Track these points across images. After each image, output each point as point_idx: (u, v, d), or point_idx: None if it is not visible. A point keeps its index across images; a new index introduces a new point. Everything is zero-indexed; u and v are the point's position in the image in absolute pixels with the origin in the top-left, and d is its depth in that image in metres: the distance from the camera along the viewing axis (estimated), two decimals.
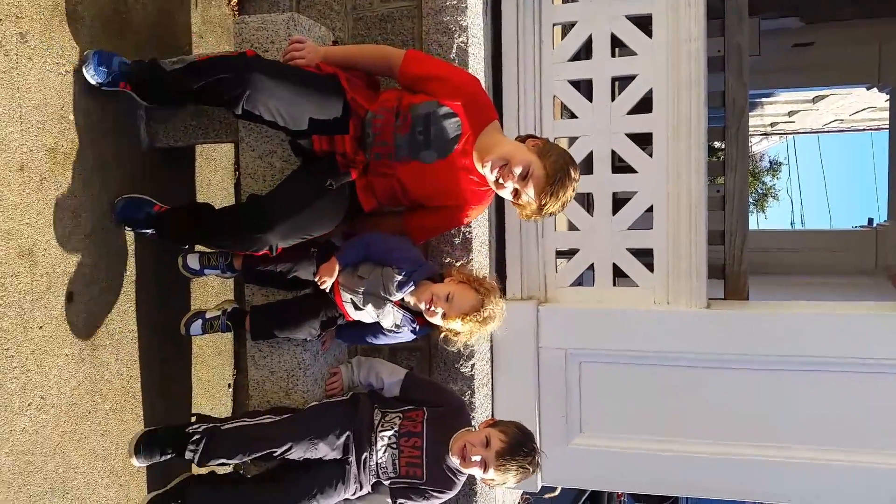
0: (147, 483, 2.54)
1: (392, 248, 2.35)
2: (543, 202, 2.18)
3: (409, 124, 2.24)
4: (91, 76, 2.31)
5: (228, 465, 2.31)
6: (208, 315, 2.62)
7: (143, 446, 2.40)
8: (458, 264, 2.70)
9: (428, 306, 2.24)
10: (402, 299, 2.31)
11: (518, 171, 2.16)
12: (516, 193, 2.21)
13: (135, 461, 2.41)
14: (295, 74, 2.21)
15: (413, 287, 2.29)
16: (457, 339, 2.30)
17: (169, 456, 2.37)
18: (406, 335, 2.38)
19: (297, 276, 2.36)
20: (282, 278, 2.38)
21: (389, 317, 2.32)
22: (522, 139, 2.29)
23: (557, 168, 2.16)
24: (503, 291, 2.53)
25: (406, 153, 2.26)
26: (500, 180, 2.19)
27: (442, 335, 2.31)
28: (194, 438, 2.26)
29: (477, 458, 2.19)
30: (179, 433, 2.32)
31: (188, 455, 2.26)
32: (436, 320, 2.26)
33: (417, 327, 2.35)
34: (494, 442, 2.19)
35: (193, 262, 2.54)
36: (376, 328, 2.42)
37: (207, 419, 2.39)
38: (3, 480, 2.03)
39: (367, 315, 2.35)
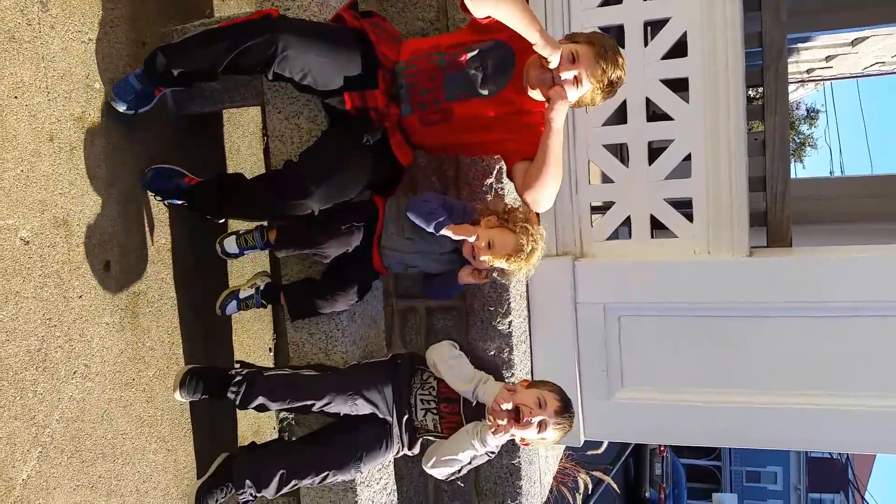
0: (194, 447, 2.59)
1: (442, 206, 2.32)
2: (604, 70, 2.09)
3: (464, 62, 2.20)
4: (119, 106, 2.30)
5: (269, 408, 2.33)
6: (242, 295, 2.61)
7: (188, 381, 2.45)
8: (487, 198, 2.68)
9: (471, 258, 2.27)
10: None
11: (561, 56, 2.07)
12: (576, 80, 2.11)
13: (178, 395, 2.46)
14: (323, 31, 2.19)
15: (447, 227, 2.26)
16: (510, 274, 2.32)
17: (209, 395, 2.42)
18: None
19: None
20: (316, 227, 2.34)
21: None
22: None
23: (594, 39, 2.14)
24: None
25: (462, 91, 2.22)
26: (561, 73, 2.10)
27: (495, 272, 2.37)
28: (236, 380, 2.29)
29: (537, 419, 2.15)
30: (223, 374, 2.36)
31: (230, 395, 2.30)
32: (484, 262, 2.27)
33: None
34: (550, 402, 2.15)
35: (231, 246, 2.51)
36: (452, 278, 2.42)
37: (251, 366, 2.42)
38: (56, 447, 2.08)
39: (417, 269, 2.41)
